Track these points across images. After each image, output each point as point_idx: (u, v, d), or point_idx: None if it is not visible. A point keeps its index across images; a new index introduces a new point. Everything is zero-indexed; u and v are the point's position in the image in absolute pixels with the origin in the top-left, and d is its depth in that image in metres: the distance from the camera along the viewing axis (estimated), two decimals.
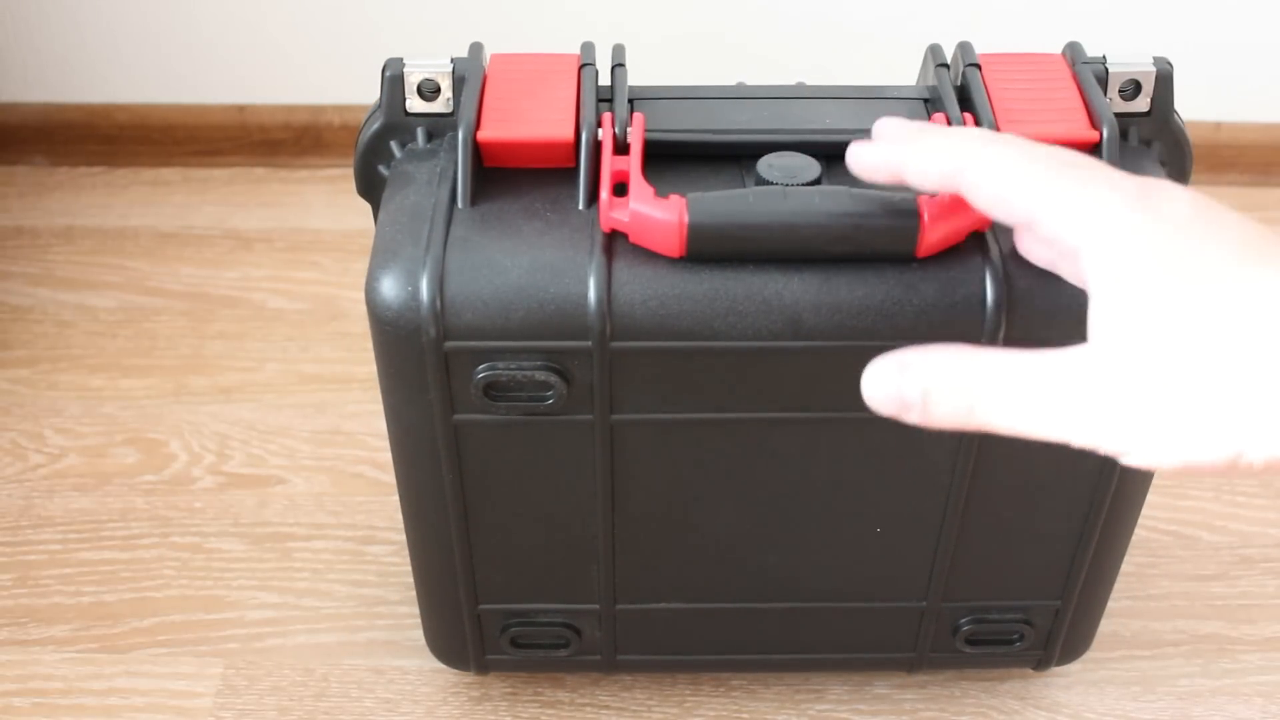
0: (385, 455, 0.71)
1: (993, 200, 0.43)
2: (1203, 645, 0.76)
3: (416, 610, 0.69)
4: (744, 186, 0.55)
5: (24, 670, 0.74)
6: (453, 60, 0.57)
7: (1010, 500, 0.61)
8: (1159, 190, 0.40)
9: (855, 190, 0.52)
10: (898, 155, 0.47)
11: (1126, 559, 0.67)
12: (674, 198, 0.51)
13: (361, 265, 1.01)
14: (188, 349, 0.96)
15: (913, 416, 0.42)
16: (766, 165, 0.55)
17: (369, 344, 0.56)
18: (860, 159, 0.48)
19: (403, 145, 0.59)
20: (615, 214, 0.52)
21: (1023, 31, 1.05)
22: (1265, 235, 0.39)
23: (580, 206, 0.55)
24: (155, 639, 0.76)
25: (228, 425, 0.90)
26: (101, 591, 0.79)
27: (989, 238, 0.53)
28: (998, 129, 0.55)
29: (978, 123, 0.55)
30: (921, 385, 0.41)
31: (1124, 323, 0.38)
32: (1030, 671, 0.74)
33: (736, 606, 0.66)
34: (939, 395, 0.41)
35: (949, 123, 0.55)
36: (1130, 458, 0.38)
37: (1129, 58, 0.57)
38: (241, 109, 1.13)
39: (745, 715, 0.73)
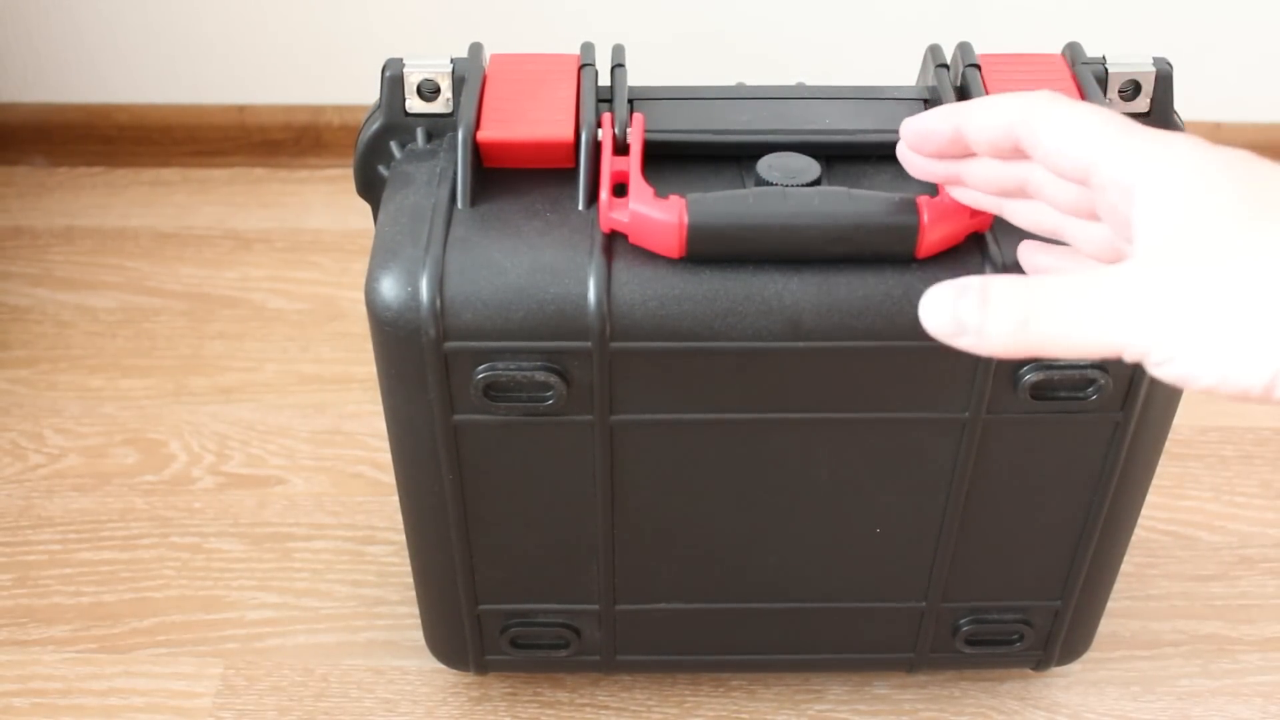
0: (385, 455, 0.71)
1: (1052, 150, 0.44)
2: (1202, 645, 0.76)
3: (416, 610, 0.69)
4: (744, 187, 0.55)
5: (24, 670, 0.74)
6: (452, 60, 0.57)
7: (1010, 500, 0.61)
8: (1221, 146, 0.41)
9: (855, 191, 0.52)
10: (960, 111, 0.47)
11: (1126, 559, 0.67)
12: (674, 198, 0.51)
13: (361, 265, 1.01)
14: (187, 349, 0.96)
15: (967, 340, 0.42)
16: (766, 166, 0.55)
17: (369, 344, 0.56)
18: (917, 122, 0.49)
19: (403, 145, 0.59)
20: (615, 214, 0.52)
21: (1023, 31, 1.05)
22: None
23: (580, 207, 0.55)
24: (155, 639, 0.76)
25: (227, 425, 0.90)
26: (101, 591, 0.79)
27: (988, 239, 0.53)
28: None
29: None
30: (978, 304, 0.42)
31: (1176, 235, 0.39)
32: (1030, 672, 0.74)
33: (736, 606, 0.66)
34: (995, 311, 0.41)
35: None
36: (1169, 367, 0.39)
37: (1129, 58, 0.57)
38: (241, 109, 1.13)
39: (745, 715, 0.73)
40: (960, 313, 0.42)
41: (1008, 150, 0.46)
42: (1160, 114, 0.58)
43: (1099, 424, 0.58)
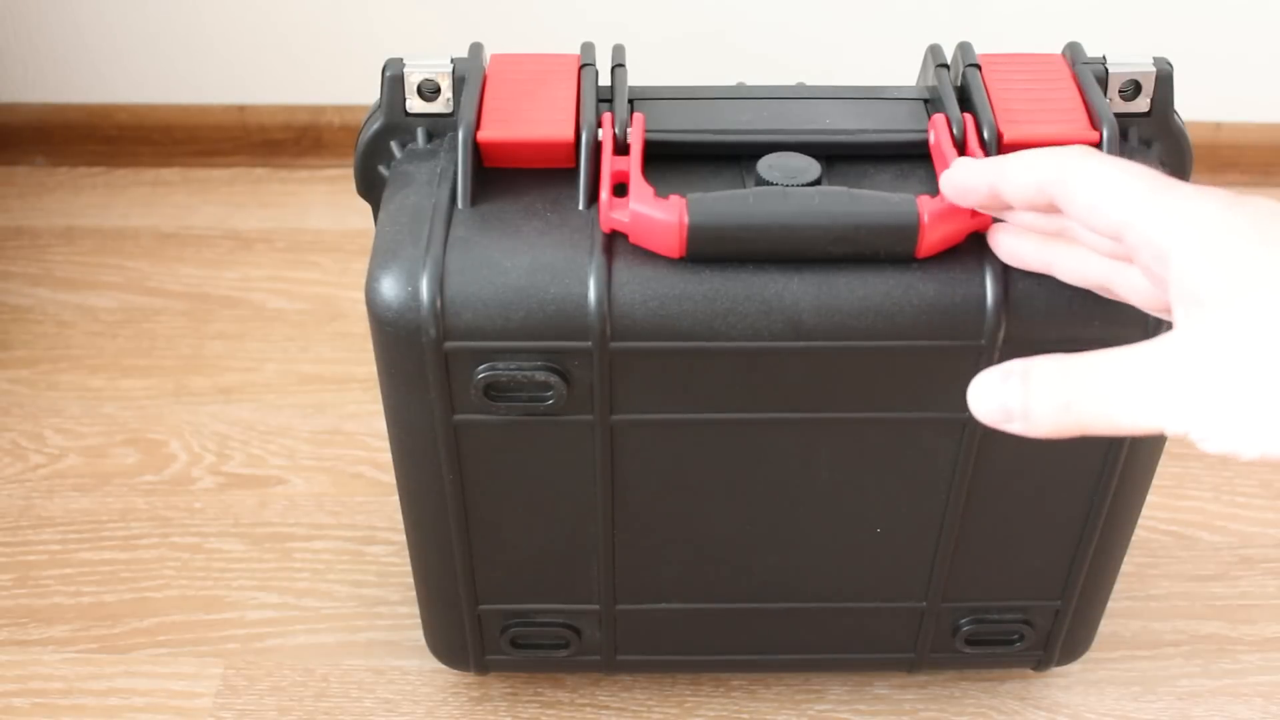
0: (385, 455, 0.71)
1: (1086, 207, 0.44)
2: (1203, 645, 0.76)
3: (416, 610, 0.69)
4: (744, 187, 0.55)
5: (24, 670, 0.74)
6: (453, 60, 0.57)
7: (1010, 500, 0.61)
8: (1249, 198, 0.41)
9: (855, 191, 0.52)
10: (995, 168, 0.48)
11: (1126, 559, 0.67)
12: (674, 198, 0.51)
13: (361, 265, 1.01)
14: (188, 349, 0.96)
15: (1016, 425, 0.43)
16: (766, 165, 0.55)
17: (369, 344, 0.56)
18: (955, 177, 0.50)
19: (403, 145, 0.59)
20: (615, 214, 0.52)
21: (1023, 31, 1.05)
22: None
23: (580, 207, 0.55)
24: (155, 639, 0.76)
25: (228, 425, 0.90)
26: (101, 591, 0.79)
27: (989, 239, 0.53)
28: (998, 130, 0.55)
29: (978, 123, 0.55)
30: (1021, 388, 0.43)
31: (1216, 307, 0.39)
32: (1030, 672, 0.74)
33: (736, 607, 0.66)
34: (1037, 396, 0.42)
35: (949, 123, 0.55)
36: (1210, 444, 0.39)
37: (1129, 58, 0.57)
38: (241, 109, 1.13)
39: (745, 715, 0.73)
40: (1006, 399, 0.43)
41: (1043, 206, 0.47)
42: (1160, 114, 0.58)
43: None
